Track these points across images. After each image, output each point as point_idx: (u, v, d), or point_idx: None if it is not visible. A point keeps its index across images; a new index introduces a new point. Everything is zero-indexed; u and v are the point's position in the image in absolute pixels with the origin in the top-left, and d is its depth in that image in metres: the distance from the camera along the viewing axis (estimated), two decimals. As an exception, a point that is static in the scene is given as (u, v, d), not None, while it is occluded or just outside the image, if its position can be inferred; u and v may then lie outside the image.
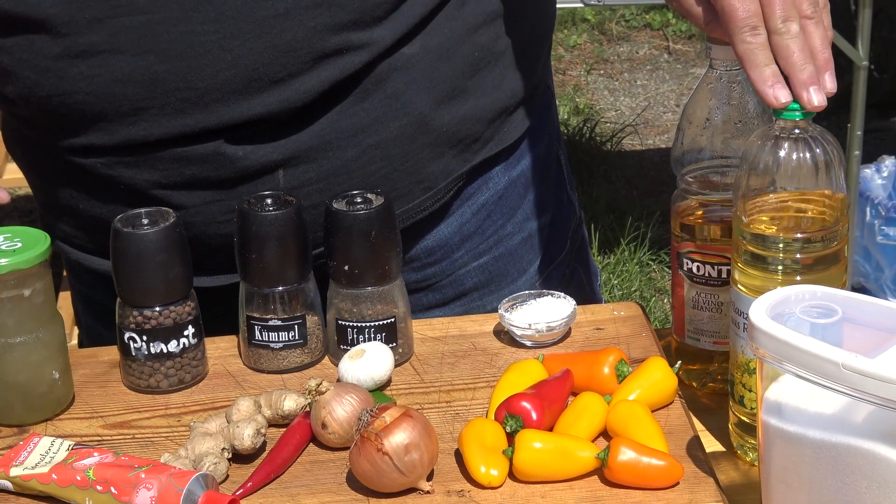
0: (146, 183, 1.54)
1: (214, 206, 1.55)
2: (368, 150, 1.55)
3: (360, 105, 1.54)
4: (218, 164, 1.53)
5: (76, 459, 1.33)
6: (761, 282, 1.31)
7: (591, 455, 1.32)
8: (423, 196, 1.61)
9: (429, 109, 1.57)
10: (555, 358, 1.49)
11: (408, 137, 1.57)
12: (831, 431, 1.16)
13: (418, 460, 1.29)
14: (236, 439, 1.36)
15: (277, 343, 1.52)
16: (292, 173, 1.54)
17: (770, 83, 1.28)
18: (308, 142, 1.53)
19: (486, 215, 1.67)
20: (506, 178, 1.68)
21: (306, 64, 1.49)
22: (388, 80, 1.54)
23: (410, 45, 1.54)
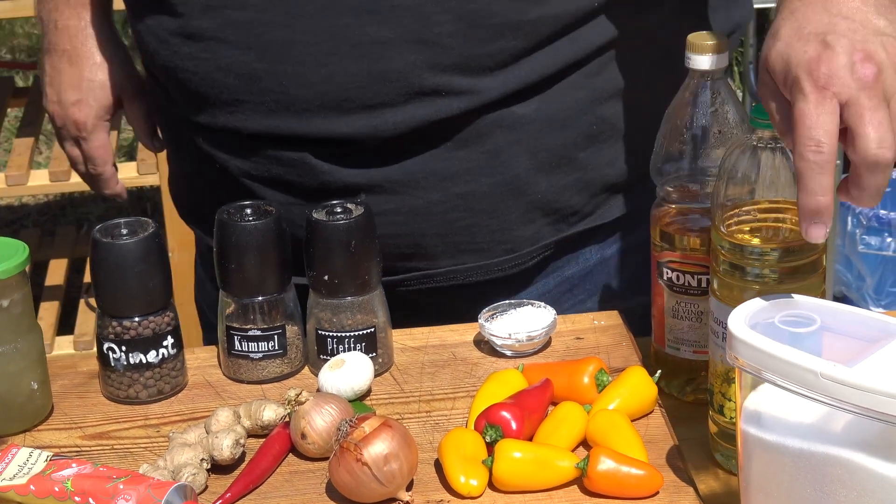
0: (237, 170, 1.56)
1: (296, 209, 1.55)
2: (454, 199, 1.53)
3: (455, 153, 1.51)
4: (304, 171, 1.53)
5: (54, 470, 1.33)
6: (740, 291, 1.31)
7: (571, 465, 1.32)
8: (503, 256, 1.58)
9: (527, 174, 1.53)
10: (535, 367, 1.49)
11: (498, 196, 1.54)
12: (810, 440, 1.16)
13: (398, 470, 1.29)
14: (215, 450, 1.36)
15: (257, 353, 1.52)
16: (374, 200, 1.52)
17: (809, 216, 1.18)
18: (394, 174, 1.52)
19: (568, 288, 1.64)
20: (598, 256, 1.63)
21: (400, 97, 1.47)
22: (491, 135, 1.51)
23: (524, 104, 1.50)
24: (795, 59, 1.17)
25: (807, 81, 1.16)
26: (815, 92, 1.15)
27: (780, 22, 1.22)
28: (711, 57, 1.39)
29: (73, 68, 1.70)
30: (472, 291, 1.59)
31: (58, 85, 1.72)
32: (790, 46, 1.19)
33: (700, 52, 1.39)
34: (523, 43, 1.48)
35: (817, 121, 1.15)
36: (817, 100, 1.15)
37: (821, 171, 1.16)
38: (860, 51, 1.16)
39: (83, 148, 1.74)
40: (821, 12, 1.20)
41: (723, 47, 1.40)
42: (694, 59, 1.40)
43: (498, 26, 1.46)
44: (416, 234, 1.56)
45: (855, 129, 1.16)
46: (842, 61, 1.16)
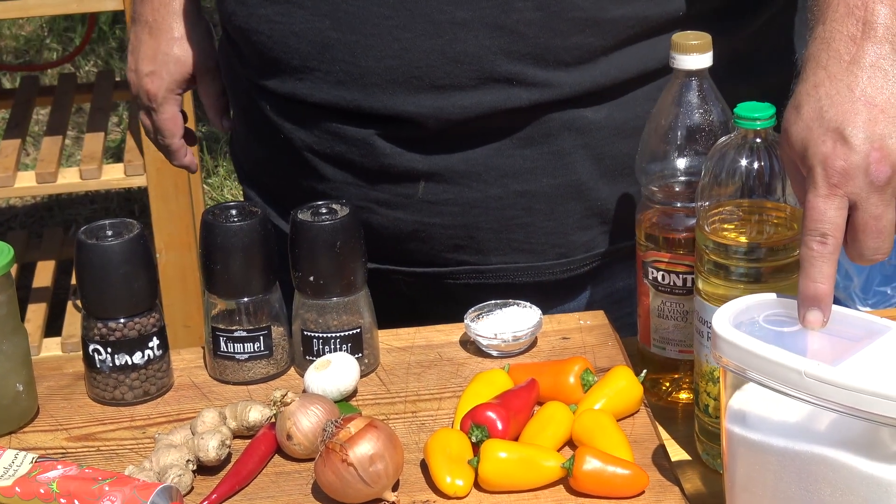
0: (301, 142, 1.57)
1: (353, 188, 1.55)
2: (512, 196, 1.54)
3: (520, 150, 1.51)
4: (365, 151, 1.53)
5: (40, 472, 1.32)
6: (724, 290, 1.31)
7: (557, 464, 1.32)
8: (554, 260, 1.58)
9: (590, 179, 1.53)
10: (520, 367, 1.49)
11: (558, 198, 1.54)
12: (795, 439, 1.17)
13: (383, 471, 1.29)
14: (201, 451, 1.36)
15: (243, 354, 1.52)
16: (432, 189, 1.53)
17: (807, 303, 1.20)
18: (456, 164, 1.52)
19: (614, 301, 1.64)
20: None
21: (471, 80, 1.47)
22: (558, 137, 1.51)
23: (595, 109, 1.50)
24: (813, 149, 1.20)
25: (820, 176, 1.19)
26: (826, 188, 1.18)
27: (802, 96, 1.23)
28: (696, 56, 1.40)
29: (152, 40, 1.71)
30: (521, 293, 1.58)
31: (136, 55, 1.73)
32: (810, 132, 1.20)
33: (684, 52, 1.40)
34: (601, 41, 1.47)
35: (825, 215, 1.19)
36: (827, 196, 1.18)
37: (823, 261, 1.20)
38: (877, 150, 1.18)
39: (153, 118, 1.75)
40: (844, 92, 1.20)
41: (707, 47, 1.40)
42: (678, 58, 1.40)
43: (578, 20, 1.46)
44: (471, 227, 1.55)
45: (856, 235, 1.21)
46: (857, 161, 1.18)
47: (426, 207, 1.55)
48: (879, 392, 1.09)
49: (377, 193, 1.56)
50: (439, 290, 1.56)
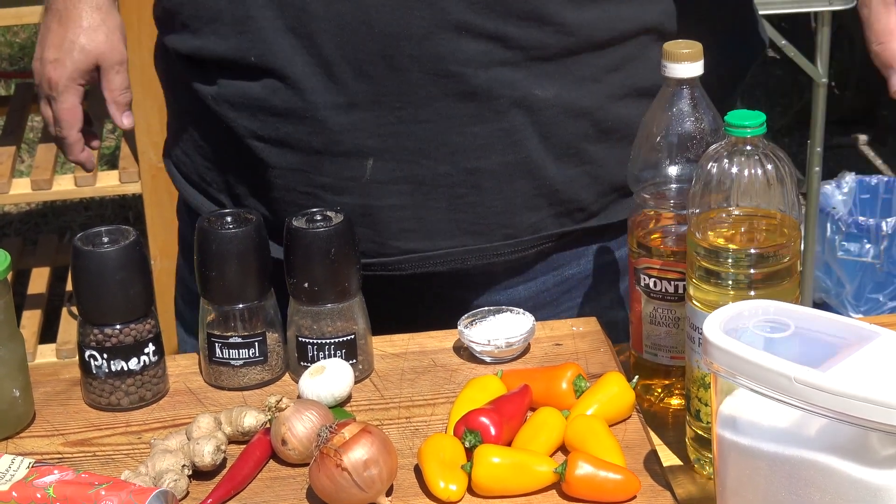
0: (244, 130, 1.56)
1: (300, 175, 1.55)
2: (462, 174, 1.53)
3: (472, 127, 1.51)
4: (313, 129, 1.52)
5: (36, 477, 1.33)
6: (715, 297, 1.32)
7: (549, 469, 1.33)
8: (502, 241, 1.58)
9: (539, 158, 1.54)
10: (513, 373, 1.50)
11: (507, 176, 1.54)
12: (785, 444, 1.18)
13: (377, 476, 1.30)
14: (196, 456, 1.36)
15: (238, 360, 1.53)
16: (381, 167, 1.52)
17: None
18: (407, 141, 1.51)
19: (566, 289, 1.65)
20: (601, 259, 1.64)
21: (422, 26, 1.46)
22: (507, 115, 1.51)
23: (545, 88, 1.51)
24: None
25: None
26: None
27: None
28: (687, 65, 1.41)
29: (60, 28, 1.68)
30: (470, 280, 1.59)
31: (43, 42, 1.70)
32: None
33: (676, 61, 1.41)
34: None
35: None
36: None
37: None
38: None
39: (53, 108, 1.71)
40: None
41: (698, 56, 1.41)
42: (670, 67, 1.42)
43: None
44: (420, 208, 1.55)
45: None
46: None
47: (374, 189, 1.53)
48: (868, 397, 1.10)
49: (323, 178, 1.54)
50: (385, 283, 1.56)
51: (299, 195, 1.55)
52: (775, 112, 5.25)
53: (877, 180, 4.04)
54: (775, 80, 5.61)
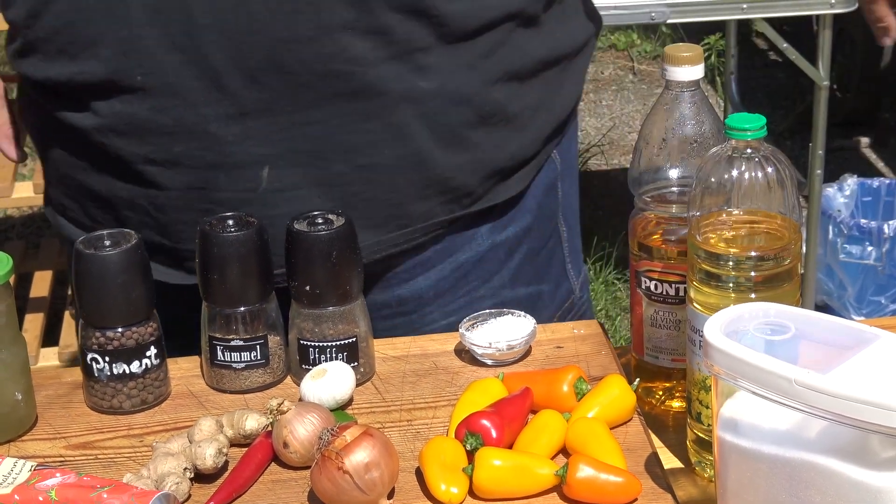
0: (134, 156, 1.54)
1: (195, 193, 1.55)
2: (356, 170, 1.55)
3: (361, 124, 1.53)
4: (206, 144, 1.52)
5: (38, 480, 1.33)
6: (716, 300, 1.32)
7: (550, 472, 1.33)
8: (397, 231, 1.60)
9: (428, 149, 1.56)
10: (515, 376, 1.50)
11: (399, 169, 1.56)
12: (785, 447, 1.18)
13: (378, 478, 1.30)
14: (198, 459, 1.37)
15: (240, 363, 1.53)
16: (276, 174, 1.53)
17: None
18: (299, 144, 1.52)
19: (462, 275, 1.66)
20: (489, 241, 1.66)
21: (308, 30, 1.47)
22: (396, 109, 1.53)
23: (428, 80, 1.53)
24: None
25: None
26: None
27: None
28: (687, 68, 1.41)
29: None
30: (373, 277, 1.59)
31: None
32: None
33: (676, 64, 1.41)
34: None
35: None
36: None
37: None
38: None
39: None
40: None
41: (698, 59, 1.42)
42: (670, 70, 1.42)
43: None
44: (318, 209, 1.55)
45: None
46: None
47: (270, 198, 1.54)
48: (869, 400, 1.11)
49: (220, 193, 1.54)
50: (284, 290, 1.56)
51: (196, 213, 1.55)
52: (777, 115, 5.25)
53: (879, 183, 4.04)
54: (777, 83, 5.62)
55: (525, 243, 1.70)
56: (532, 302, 1.70)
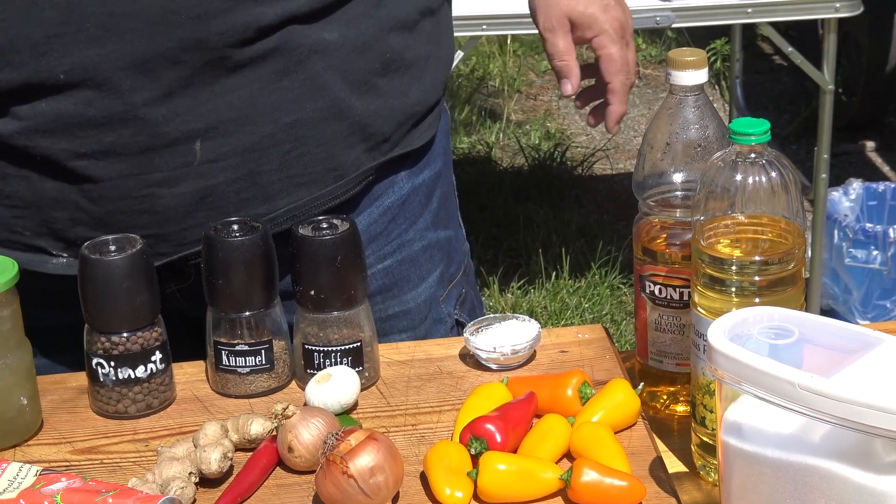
0: (64, 153, 1.53)
1: (131, 179, 1.55)
2: (284, 129, 1.57)
3: (279, 83, 1.55)
4: (137, 129, 1.52)
5: (44, 485, 1.34)
6: (720, 304, 1.32)
7: (555, 476, 1.33)
8: (334, 184, 1.63)
9: (344, 96, 1.60)
10: (519, 380, 1.51)
11: (323, 121, 1.59)
12: (789, 451, 1.18)
13: (383, 482, 1.30)
14: (203, 463, 1.37)
15: (244, 368, 1.53)
16: (209, 146, 1.54)
17: None
18: (226, 113, 1.54)
19: (391, 218, 1.70)
20: (409, 184, 1.72)
21: (222, 3, 1.49)
22: (308, 62, 1.56)
23: (329, 31, 1.57)
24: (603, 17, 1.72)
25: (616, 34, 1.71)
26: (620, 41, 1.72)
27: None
28: (691, 73, 1.42)
29: None
30: None
31: None
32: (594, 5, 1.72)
33: (680, 69, 1.42)
34: None
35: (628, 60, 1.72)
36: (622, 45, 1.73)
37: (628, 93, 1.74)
38: None
39: None
40: None
41: (702, 63, 1.42)
42: (674, 75, 1.42)
43: None
44: (255, 174, 1.57)
45: None
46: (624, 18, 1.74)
47: (207, 169, 1.55)
48: (872, 403, 1.11)
49: (156, 174, 1.54)
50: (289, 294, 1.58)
51: (133, 200, 1.55)
52: (783, 119, 5.25)
53: (884, 187, 4.04)
54: (782, 87, 5.62)
55: (439, 187, 1.77)
56: (448, 245, 1.79)
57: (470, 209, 4.60)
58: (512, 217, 4.62)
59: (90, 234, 1.56)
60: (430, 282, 1.75)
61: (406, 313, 1.68)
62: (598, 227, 4.57)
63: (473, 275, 1.90)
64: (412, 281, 1.72)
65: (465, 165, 5.02)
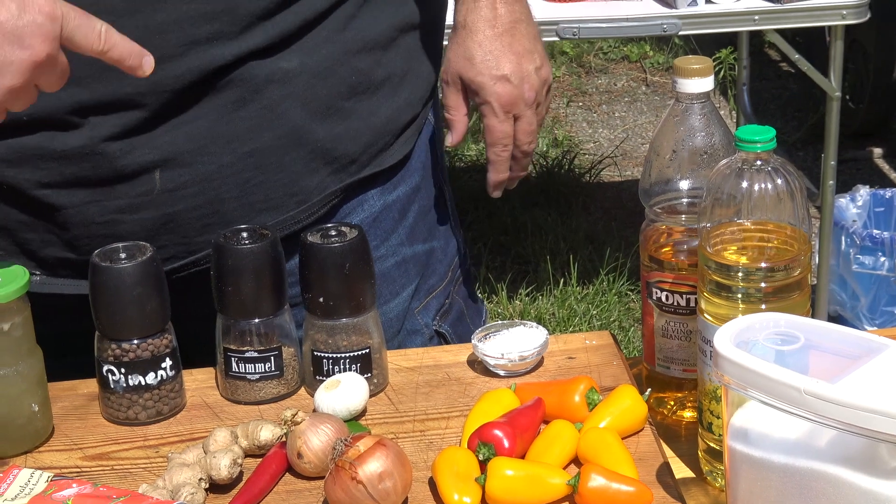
0: (28, 182, 1.55)
1: (94, 206, 1.56)
2: (243, 158, 1.59)
3: (237, 113, 1.57)
4: (96, 163, 1.54)
5: (55, 491, 1.35)
6: (726, 310, 1.33)
7: (562, 482, 1.34)
8: (297, 209, 1.63)
9: (304, 123, 1.61)
10: (527, 387, 1.51)
11: (282, 148, 1.60)
12: (796, 456, 1.19)
13: (392, 488, 1.31)
14: (213, 469, 1.38)
15: (254, 374, 1.54)
16: (169, 176, 1.56)
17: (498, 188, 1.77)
18: (184, 145, 1.56)
19: None
20: (381, 202, 1.72)
21: (177, 48, 1.51)
22: (265, 91, 1.58)
23: (288, 60, 1.58)
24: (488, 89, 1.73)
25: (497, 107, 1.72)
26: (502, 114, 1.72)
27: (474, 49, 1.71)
28: (697, 81, 1.42)
29: None
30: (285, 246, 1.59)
31: None
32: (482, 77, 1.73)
33: (686, 76, 1.43)
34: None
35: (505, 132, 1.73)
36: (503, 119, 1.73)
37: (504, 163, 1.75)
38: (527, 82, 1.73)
39: None
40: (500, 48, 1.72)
41: (708, 71, 1.43)
42: (681, 83, 1.43)
43: None
44: (215, 202, 1.59)
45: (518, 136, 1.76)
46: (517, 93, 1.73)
47: (168, 197, 1.57)
48: (878, 409, 1.11)
49: (118, 202, 1.56)
50: (196, 280, 1.59)
51: (97, 226, 1.57)
52: (790, 126, 5.26)
53: (891, 193, 4.04)
54: (789, 94, 5.62)
55: (416, 202, 1.77)
56: (427, 258, 1.79)
57: (478, 216, 4.61)
58: (520, 224, 4.63)
59: (61, 255, 1.59)
60: (404, 296, 1.76)
61: None
62: (606, 234, 4.58)
63: (471, 282, 1.91)
64: (383, 296, 1.72)
65: (473, 173, 5.02)
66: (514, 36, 1.70)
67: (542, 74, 1.72)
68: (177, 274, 1.60)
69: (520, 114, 1.71)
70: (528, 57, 1.71)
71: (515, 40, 1.70)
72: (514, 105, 1.70)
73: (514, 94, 1.70)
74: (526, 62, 1.70)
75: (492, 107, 1.70)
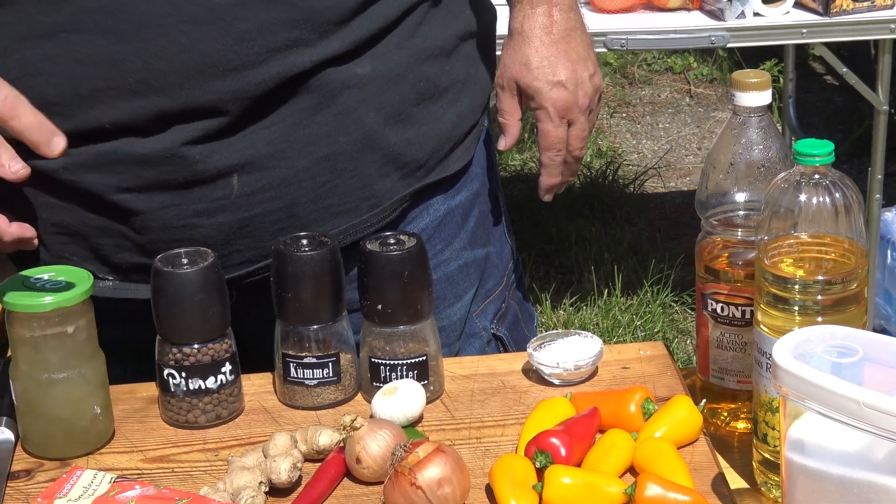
0: (106, 187, 1.58)
1: (171, 210, 1.59)
2: (319, 162, 1.61)
3: (313, 118, 1.59)
4: (176, 166, 1.57)
5: (118, 492, 1.37)
6: (783, 322, 1.34)
7: (619, 490, 1.35)
8: (369, 213, 1.66)
9: (377, 128, 1.63)
10: (582, 396, 1.53)
11: (356, 153, 1.63)
12: (853, 468, 1.19)
13: (451, 494, 1.32)
14: (273, 473, 1.40)
15: (312, 380, 1.56)
16: (246, 180, 1.58)
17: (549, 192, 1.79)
18: (262, 149, 1.58)
19: (426, 239, 1.71)
20: (445, 206, 1.75)
21: (258, 56, 1.54)
22: (341, 97, 1.60)
23: (362, 66, 1.61)
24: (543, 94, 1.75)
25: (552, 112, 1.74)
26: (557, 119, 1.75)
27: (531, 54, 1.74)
28: (755, 94, 1.43)
29: None
30: (346, 254, 1.62)
31: None
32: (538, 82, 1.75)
33: (744, 90, 1.44)
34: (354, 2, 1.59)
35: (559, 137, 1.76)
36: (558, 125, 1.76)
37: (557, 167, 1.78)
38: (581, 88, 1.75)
39: None
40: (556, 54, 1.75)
41: (766, 85, 1.44)
42: (738, 96, 1.44)
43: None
44: (290, 206, 1.61)
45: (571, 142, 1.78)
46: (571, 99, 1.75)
47: (244, 201, 1.59)
48: (936, 422, 1.12)
49: (196, 206, 1.59)
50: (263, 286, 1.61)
51: (174, 230, 1.59)
52: (834, 138, 5.23)
53: (937, 208, 4.03)
54: (833, 107, 5.61)
55: (476, 206, 1.81)
56: (485, 262, 1.82)
57: (522, 226, 4.62)
58: (564, 234, 4.64)
59: (135, 259, 1.61)
60: (466, 300, 1.78)
61: (441, 330, 1.69)
62: (650, 245, 4.58)
63: (524, 287, 1.94)
64: (448, 299, 1.75)
65: (518, 182, 5.04)
66: (570, 43, 1.73)
67: (595, 81, 1.75)
68: (250, 278, 1.63)
69: (573, 119, 1.74)
70: (583, 64, 1.73)
71: (571, 47, 1.73)
72: (568, 110, 1.73)
73: (569, 100, 1.73)
74: (581, 69, 1.73)
75: (547, 112, 1.73)
